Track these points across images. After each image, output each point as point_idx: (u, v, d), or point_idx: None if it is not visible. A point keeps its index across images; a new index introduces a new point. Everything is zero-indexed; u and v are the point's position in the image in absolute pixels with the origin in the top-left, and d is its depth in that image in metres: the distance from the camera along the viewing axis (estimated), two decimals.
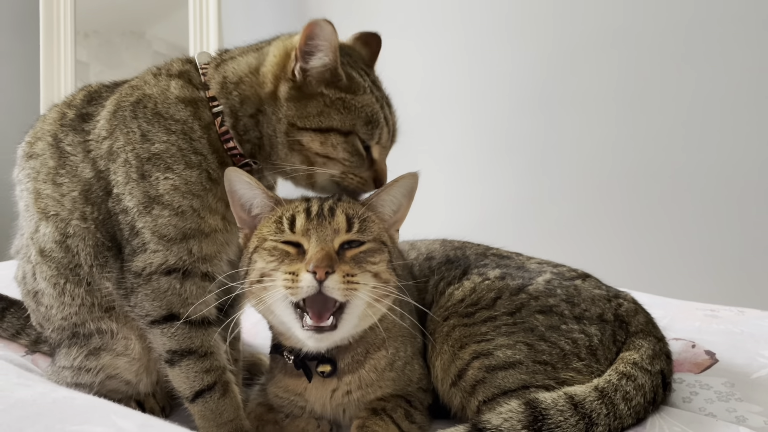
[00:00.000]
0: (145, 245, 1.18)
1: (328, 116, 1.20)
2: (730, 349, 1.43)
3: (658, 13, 2.64)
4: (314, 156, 1.22)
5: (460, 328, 1.27)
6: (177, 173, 1.17)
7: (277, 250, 1.14)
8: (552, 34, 2.95)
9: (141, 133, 1.19)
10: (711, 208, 2.57)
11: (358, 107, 1.22)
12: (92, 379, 1.30)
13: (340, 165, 1.23)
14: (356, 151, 1.23)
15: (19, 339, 1.57)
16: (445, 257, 1.49)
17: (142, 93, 1.24)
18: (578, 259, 1.53)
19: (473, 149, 3.27)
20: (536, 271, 1.40)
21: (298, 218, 1.16)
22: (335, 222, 1.16)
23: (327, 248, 1.11)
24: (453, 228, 1.53)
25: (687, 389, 1.28)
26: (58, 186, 1.25)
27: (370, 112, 1.23)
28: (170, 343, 1.20)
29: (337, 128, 1.20)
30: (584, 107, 2.88)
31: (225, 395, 1.22)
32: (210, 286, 1.22)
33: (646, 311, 1.36)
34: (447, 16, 3.30)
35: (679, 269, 2.64)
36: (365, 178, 1.27)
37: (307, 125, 1.20)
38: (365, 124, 1.23)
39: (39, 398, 0.82)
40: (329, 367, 1.23)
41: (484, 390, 1.18)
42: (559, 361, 1.19)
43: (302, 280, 1.07)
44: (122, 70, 3.91)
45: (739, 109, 2.48)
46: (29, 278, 1.33)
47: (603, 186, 2.87)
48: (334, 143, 1.21)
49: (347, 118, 1.21)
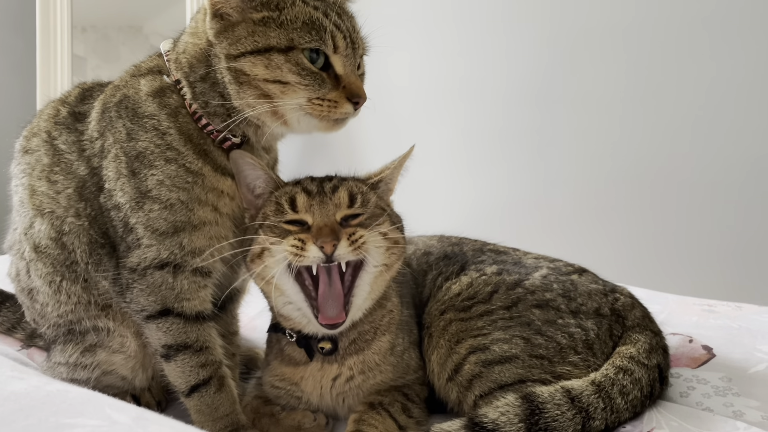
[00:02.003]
0: (139, 240, 1.18)
1: (263, 35, 1.11)
2: (727, 344, 1.43)
3: (654, 9, 2.64)
4: (265, 84, 1.12)
5: (456, 322, 1.27)
6: (159, 169, 1.17)
7: (279, 229, 1.17)
8: (548, 30, 2.95)
9: (126, 132, 1.19)
10: (708, 202, 2.57)
11: (290, 19, 1.11)
12: (88, 375, 1.30)
13: (298, 90, 1.12)
14: (306, 69, 1.12)
15: (14, 333, 1.56)
16: (443, 253, 1.48)
17: (122, 94, 1.24)
18: (575, 254, 1.53)
19: (470, 145, 3.27)
20: (533, 266, 1.40)
21: (299, 197, 1.19)
22: (336, 197, 1.19)
23: (330, 222, 1.15)
24: (450, 224, 1.53)
25: (684, 384, 1.28)
26: (53, 183, 1.25)
27: (308, 20, 1.12)
28: (166, 337, 1.20)
29: (274, 46, 1.10)
30: (581, 103, 2.88)
31: (221, 389, 1.22)
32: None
33: (643, 306, 1.36)
34: (443, 11, 3.30)
35: (677, 264, 2.65)
36: (334, 98, 1.14)
37: (241, 49, 1.11)
38: (306, 33, 1.11)
39: (33, 391, 0.82)
40: (330, 345, 1.24)
41: (480, 384, 1.18)
42: (556, 355, 1.19)
43: (309, 250, 1.11)
44: (119, 64, 3.90)
45: (737, 104, 2.48)
46: (23, 275, 1.32)
47: (600, 181, 2.87)
48: (277, 63, 1.11)
49: (281, 33, 1.10)
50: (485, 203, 3.19)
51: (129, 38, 3.97)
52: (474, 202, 3.21)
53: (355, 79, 1.17)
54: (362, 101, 1.17)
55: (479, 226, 1.59)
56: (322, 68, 1.13)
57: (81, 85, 1.37)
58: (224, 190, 1.21)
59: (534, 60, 3.01)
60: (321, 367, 1.26)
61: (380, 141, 3.51)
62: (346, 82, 1.15)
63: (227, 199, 1.22)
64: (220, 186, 1.20)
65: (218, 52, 1.14)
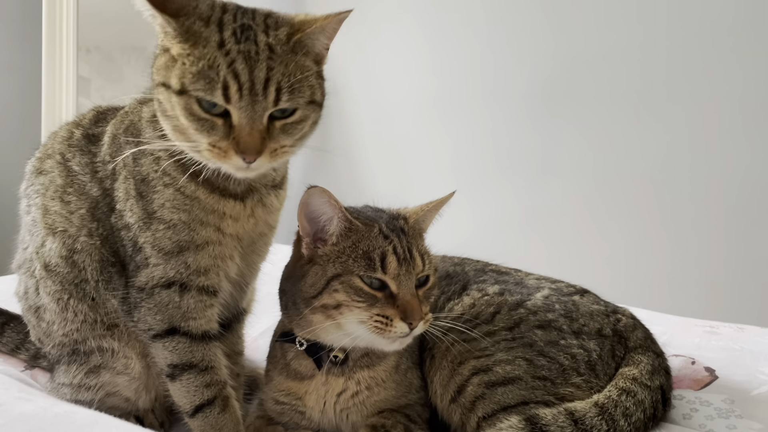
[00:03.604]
0: (147, 260, 1.19)
1: (168, 71, 1.07)
2: (729, 366, 1.43)
3: (656, 28, 2.67)
4: (169, 119, 1.09)
5: (459, 343, 1.27)
6: (159, 193, 1.18)
7: (365, 293, 1.17)
8: (552, 47, 2.97)
9: (133, 157, 1.21)
10: (710, 223, 2.58)
11: (192, 62, 1.05)
12: (92, 397, 1.30)
13: (191, 132, 1.07)
14: (194, 114, 1.05)
15: (18, 354, 1.56)
16: (445, 273, 1.49)
17: (129, 120, 1.27)
18: (577, 275, 1.53)
19: (471, 165, 3.28)
20: (534, 286, 1.40)
21: (390, 260, 1.18)
22: (415, 265, 1.21)
23: (413, 298, 1.18)
24: (452, 244, 1.53)
25: (687, 406, 1.28)
26: (66, 204, 1.27)
27: (206, 67, 1.04)
28: (171, 356, 1.21)
29: (170, 85, 1.06)
30: (583, 122, 2.90)
31: (225, 410, 1.22)
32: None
33: (645, 327, 1.37)
34: (442, 31, 3.32)
35: (679, 285, 2.65)
36: (223, 148, 1.07)
37: (157, 79, 1.09)
38: (198, 81, 1.04)
39: (41, 412, 0.83)
40: (342, 354, 1.25)
41: (483, 406, 1.18)
42: (559, 377, 1.19)
43: (397, 327, 1.15)
44: (123, 85, 3.94)
45: (739, 127, 2.50)
46: (31, 293, 1.33)
47: (601, 202, 2.88)
48: (174, 103, 1.07)
49: (177, 74, 1.05)
50: (487, 223, 3.19)
51: (133, 59, 4.00)
52: (476, 223, 3.22)
53: (248, 132, 1.05)
54: (249, 156, 1.06)
55: (481, 246, 1.59)
56: (222, 114, 1.06)
57: (96, 108, 1.40)
58: (226, 212, 1.20)
59: (535, 79, 3.03)
60: (326, 381, 1.26)
61: (380, 159, 3.53)
62: (236, 134, 1.06)
63: (230, 220, 1.21)
64: (220, 208, 1.19)
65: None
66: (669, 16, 2.63)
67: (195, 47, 1.06)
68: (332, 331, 1.20)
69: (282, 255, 1.37)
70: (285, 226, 1.38)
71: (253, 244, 1.30)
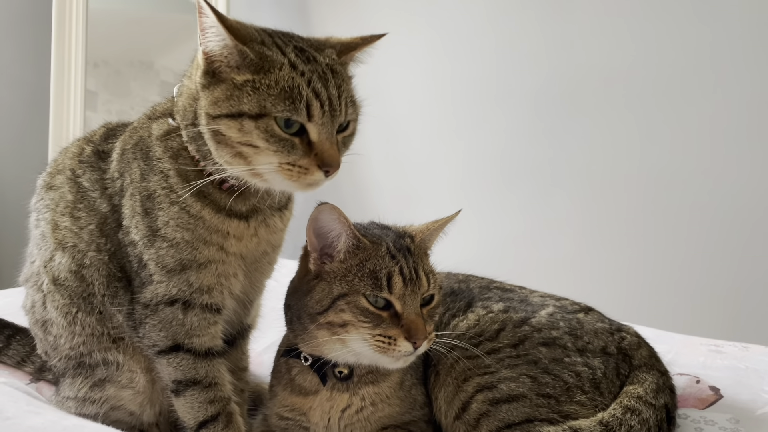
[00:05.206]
0: (151, 277, 1.20)
1: (237, 99, 1.09)
2: (734, 385, 1.43)
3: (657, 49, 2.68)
4: (239, 146, 1.11)
5: (463, 360, 1.27)
6: (165, 210, 1.19)
7: (370, 313, 1.17)
8: (558, 62, 2.97)
9: (140, 173, 1.22)
10: (715, 242, 2.58)
11: (269, 85, 1.09)
12: (96, 410, 1.30)
13: (268, 154, 1.11)
14: (275, 136, 1.09)
15: (24, 366, 1.57)
16: (450, 289, 1.49)
17: (138, 136, 1.27)
18: (581, 292, 1.53)
19: (476, 183, 3.29)
20: (539, 304, 1.41)
21: (396, 280, 1.18)
22: (420, 285, 1.21)
23: (418, 318, 1.18)
24: (457, 261, 1.54)
25: (692, 425, 1.28)
26: (76, 219, 1.28)
27: (287, 88, 1.09)
28: (176, 373, 1.21)
29: (245, 112, 1.09)
30: (586, 139, 2.91)
31: (228, 426, 1.22)
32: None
33: (649, 345, 1.37)
34: (444, 51, 3.34)
35: (683, 304, 2.64)
36: (305, 165, 1.12)
37: (218, 112, 1.11)
38: (281, 102, 1.09)
39: (50, 426, 0.83)
40: (347, 370, 1.25)
41: (488, 423, 1.18)
42: (563, 394, 1.19)
43: (401, 347, 1.15)
44: (130, 99, 3.97)
45: (743, 145, 2.51)
46: (38, 307, 1.34)
47: (606, 220, 2.88)
48: (248, 129, 1.09)
49: (254, 99, 1.09)
50: (491, 241, 3.19)
51: (140, 74, 4.03)
52: (481, 239, 3.22)
53: (329, 146, 1.13)
54: (333, 170, 1.13)
55: (485, 263, 1.60)
56: (296, 133, 1.11)
57: (106, 125, 1.41)
58: (230, 232, 1.21)
59: (541, 94, 3.03)
60: (330, 397, 1.27)
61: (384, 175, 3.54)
62: (318, 150, 1.12)
63: (233, 240, 1.22)
64: (224, 228, 1.21)
65: (201, 106, 1.15)
66: (680, 30, 2.64)
67: (269, 72, 1.10)
68: (337, 347, 1.20)
69: (287, 270, 1.38)
70: (291, 243, 1.39)
71: (257, 262, 1.31)
